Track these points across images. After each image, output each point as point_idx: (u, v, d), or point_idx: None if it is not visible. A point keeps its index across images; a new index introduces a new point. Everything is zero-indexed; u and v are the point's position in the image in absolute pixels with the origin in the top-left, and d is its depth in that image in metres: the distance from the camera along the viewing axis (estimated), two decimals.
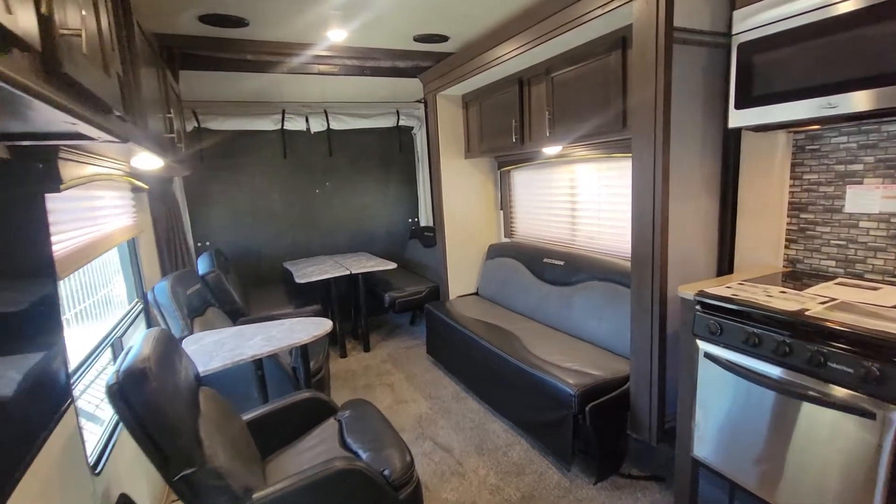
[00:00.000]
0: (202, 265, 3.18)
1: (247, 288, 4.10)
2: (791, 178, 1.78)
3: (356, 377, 3.29)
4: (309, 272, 3.53)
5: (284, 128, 4.16)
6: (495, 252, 3.53)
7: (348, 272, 3.47)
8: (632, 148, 1.82)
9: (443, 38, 2.84)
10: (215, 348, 1.96)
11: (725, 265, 1.97)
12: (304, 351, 2.15)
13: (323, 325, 2.13)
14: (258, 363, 2.07)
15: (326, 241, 4.55)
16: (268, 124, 4.10)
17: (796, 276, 1.69)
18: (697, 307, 1.55)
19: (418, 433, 2.52)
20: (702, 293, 1.53)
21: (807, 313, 1.27)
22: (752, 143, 1.84)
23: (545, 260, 2.98)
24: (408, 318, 4.50)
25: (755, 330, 1.36)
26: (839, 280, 1.60)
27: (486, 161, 3.60)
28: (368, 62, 3.30)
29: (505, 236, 3.69)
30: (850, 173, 1.60)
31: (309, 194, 4.42)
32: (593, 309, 2.49)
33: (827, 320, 1.22)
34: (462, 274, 3.64)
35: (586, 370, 2.12)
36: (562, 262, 2.84)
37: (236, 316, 3.19)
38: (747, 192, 1.88)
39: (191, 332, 2.26)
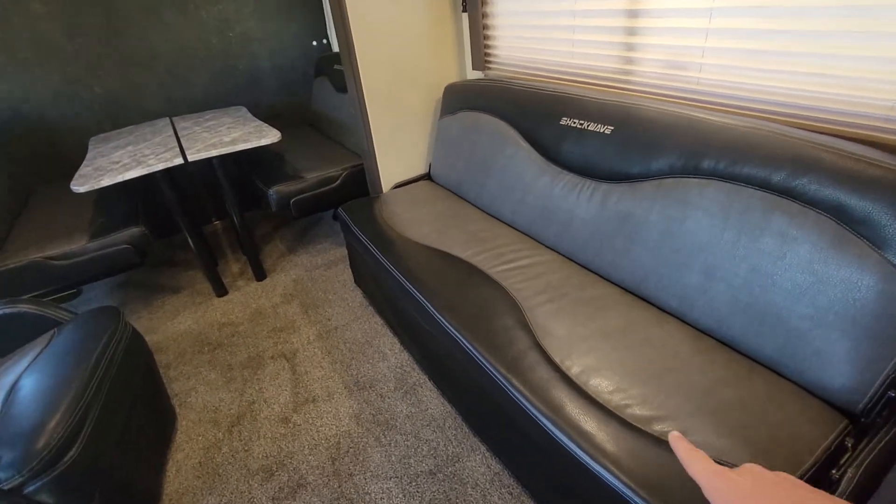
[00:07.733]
0: None
1: (27, 191, 2.38)
2: None
3: (235, 340, 1.94)
4: (107, 165, 1.84)
5: None
6: (456, 100, 1.89)
7: (181, 160, 1.81)
8: None
9: None
10: None
11: None
12: None
13: None
14: None
15: (171, 92, 2.68)
16: None
17: None
18: None
19: (332, 489, 1.31)
20: None
21: None
22: None
23: (563, 120, 1.43)
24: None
25: None
26: None
27: None
28: None
29: (474, 68, 2.00)
30: None
31: (112, 5, 2.38)
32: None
33: None
34: (400, 143, 2.06)
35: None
36: (608, 129, 1.30)
37: None
38: None
39: None
